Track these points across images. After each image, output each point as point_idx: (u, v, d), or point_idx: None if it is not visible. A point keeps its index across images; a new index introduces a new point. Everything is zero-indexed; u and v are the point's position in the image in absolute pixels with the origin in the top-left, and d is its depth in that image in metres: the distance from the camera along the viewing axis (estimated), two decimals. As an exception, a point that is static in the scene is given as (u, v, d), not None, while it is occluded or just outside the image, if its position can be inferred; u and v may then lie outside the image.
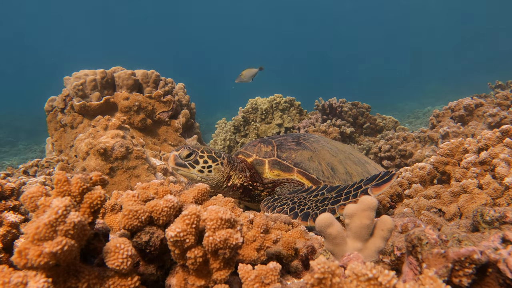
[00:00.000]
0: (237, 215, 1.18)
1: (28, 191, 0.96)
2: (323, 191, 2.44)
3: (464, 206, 1.94)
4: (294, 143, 3.24)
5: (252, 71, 6.37)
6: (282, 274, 1.30)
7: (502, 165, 1.97)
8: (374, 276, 0.69)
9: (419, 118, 12.83)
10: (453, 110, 5.12)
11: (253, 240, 1.11)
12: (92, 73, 4.65)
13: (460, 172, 2.17)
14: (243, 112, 6.60)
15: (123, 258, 0.89)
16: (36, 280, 0.77)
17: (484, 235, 1.39)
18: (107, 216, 1.20)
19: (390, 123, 6.39)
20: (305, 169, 2.99)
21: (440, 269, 0.93)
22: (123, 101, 4.65)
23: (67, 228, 0.81)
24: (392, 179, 2.08)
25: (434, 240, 0.97)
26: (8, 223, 1.26)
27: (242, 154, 3.20)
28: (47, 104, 4.94)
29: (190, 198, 1.26)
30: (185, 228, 0.92)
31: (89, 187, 1.00)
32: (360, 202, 1.10)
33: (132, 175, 3.79)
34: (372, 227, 1.10)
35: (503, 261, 0.96)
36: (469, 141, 2.44)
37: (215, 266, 0.96)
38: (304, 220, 2.14)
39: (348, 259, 1.03)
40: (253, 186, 3.02)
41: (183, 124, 5.16)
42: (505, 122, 4.26)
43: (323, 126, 5.78)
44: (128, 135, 4.01)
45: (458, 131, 4.69)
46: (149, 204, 1.04)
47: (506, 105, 4.91)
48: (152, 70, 5.02)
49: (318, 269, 0.72)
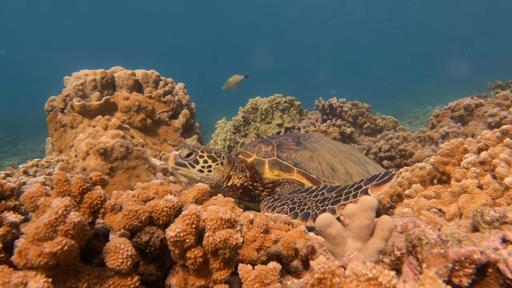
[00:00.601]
0: (237, 215, 1.18)
1: (28, 191, 0.96)
2: (323, 191, 2.44)
3: (464, 206, 1.94)
4: (294, 143, 3.24)
5: (238, 78, 6.44)
6: (282, 274, 1.30)
7: (502, 165, 1.97)
8: (374, 276, 0.69)
9: (419, 118, 12.82)
10: (453, 110, 5.12)
11: (253, 240, 1.11)
12: (92, 73, 4.64)
13: (460, 172, 2.17)
14: (243, 112, 6.60)
15: (123, 258, 0.89)
16: (36, 280, 0.77)
17: (484, 235, 1.39)
18: (107, 216, 1.20)
19: (390, 123, 6.39)
20: (305, 169, 2.99)
21: (440, 269, 0.93)
22: (123, 101, 4.65)
23: (67, 228, 0.81)
24: (392, 179, 2.08)
25: (434, 240, 0.97)
26: (8, 223, 1.26)
27: (242, 154, 3.20)
28: (47, 104, 4.94)
29: (190, 198, 1.26)
30: (185, 228, 0.92)
31: (89, 187, 1.00)
32: (360, 202, 1.10)
33: (132, 175, 3.79)
34: (372, 227, 1.10)
35: (503, 261, 0.96)
36: (469, 141, 2.44)
37: (215, 266, 0.96)
38: (304, 220, 2.14)
39: (348, 259, 1.03)
40: (253, 186, 3.02)
41: (183, 124, 5.16)
42: (505, 122, 4.26)
43: (323, 126, 5.78)
44: (128, 135, 4.01)
45: (458, 131, 4.69)
46: (149, 204, 1.04)
47: (506, 105, 4.91)
48: (152, 70, 5.02)
49: (318, 269, 0.72)
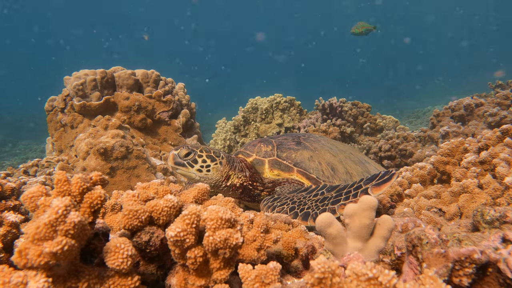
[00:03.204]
0: (237, 215, 1.18)
1: (28, 191, 0.96)
2: (323, 190, 2.44)
3: (464, 206, 1.94)
4: (294, 143, 3.23)
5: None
6: (282, 274, 1.30)
7: (502, 164, 1.97)
8: (374, 275, 0.69)
9: (419, 117, 12.81)
10: (453, 110, 5.12)
11: (253, 240, 1.11)
12: (92, 73, 4.64)
13: (460, 172, 2.17)
14: (243, 112, 6.60)
15: (123, 258, 0.89)
16: (36, 280, 0.77)
17: (484, 235, 1.39)
18: (107, 216, 1.20)
19: (390, 122, 6.39)
20: (305, 169, 2.99)
21: (440, 268, 0.93)
22: (123, 101, 4.65)
23: (67, 228, 0.81)
24: (392, 179, 2.08)
25: (434, 240, 0.97)
26: (8, 223, 1.26)
27: (242, 154, 3.20)
28: (47, 104, 4.94)
29: (190, 198, 1.26)
30: (185, 228, 0.92)
31: (89, 187, 1.00)
32: (360, 201, 1.10)
33: (132, 175, 3.79)
34: (372, 227, 1.10)
35: (503, 260, 0.96)
36: (469, 141, 2.44)
37: (215, 266, 0.96)
38: (304, 220, 2.14)
39: (348, 259, 1.03)
40: (253, 186, 3.02)
41: (183, 124, 5.16)
42: (505, 122, 4.26)
43: (323, 125, 5.78)
44: (128, 135, 4.01)
45: (458, 131, 4.69)
46: (149, 204, 1.04)
47: (506, 104, 4.91)
48: (152, 70, 5.02)
49: (318, 268, 0.72)
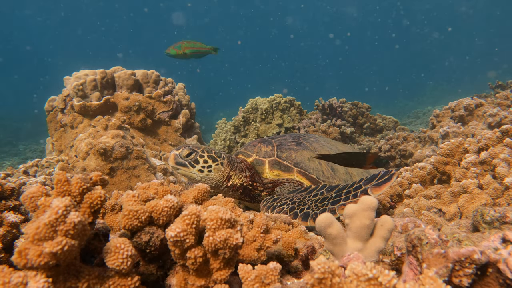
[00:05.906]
0: (237, 215, 1.18)
1: (28, 191, 0.96)
2: (323, 190, 2.43)
3: (464, 206, 1.94)
4: (294, 143, 3.24)
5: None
6: (282, 274, 1.30)
7: (502, 165, 1.97)
8: (374, 276, 0.69)
9: (419, 118, 12.80)
10: (453, 110, 5.12)
11: (253, 240, 1.11)
12: (92, 73, 4.65)
13: (460, 172, 2.17)
14: (243, 112, 6.59)
15: (123, 258, 0.89)
16: (36, 280, 0.77)
17: (484, 235, 1.39)
18: (107, 216, 1.20)
19: (390, 123, 6.39)
20: (305, 169, 2.99)
21: (440, 269, 0.93)
22: (123, 101, 4.65)
23: (67, 228, 0.81)
24: (392, 179, 2.08)
25: (434, 240, 0.97)
26: (8, 223, 1.26)
27: (242, 154, 3.20)
28: (47, 104, 4.94)
29: (190, 198, 1.26)
30: (185, 228, 0.92)
31: (89, 187, 1.00)
32: (360, 202, 1.10)
33: (132, 175, 3.79)
34: (372, 227, 1.10)
35: (503, 261, 0.96)
36: (469, 141, 2.44)
37: (215, 266, 0.96)
38: (304, 220, 2.14)
39: (348, 259, 1.03)
40: (253, 186, 3.01)
41: (183, 124, 5.17)
42: (505, 122, 4.26)
43: (323, 126, 5.78)
44: (128, 135, 4.01)
45: (458, 131, 4.69)
46: (149, 204, 1.04)
47: (506, 105, 4.90)
48: (152, 70, 5.02)
49: (318, 269, 0.72)
